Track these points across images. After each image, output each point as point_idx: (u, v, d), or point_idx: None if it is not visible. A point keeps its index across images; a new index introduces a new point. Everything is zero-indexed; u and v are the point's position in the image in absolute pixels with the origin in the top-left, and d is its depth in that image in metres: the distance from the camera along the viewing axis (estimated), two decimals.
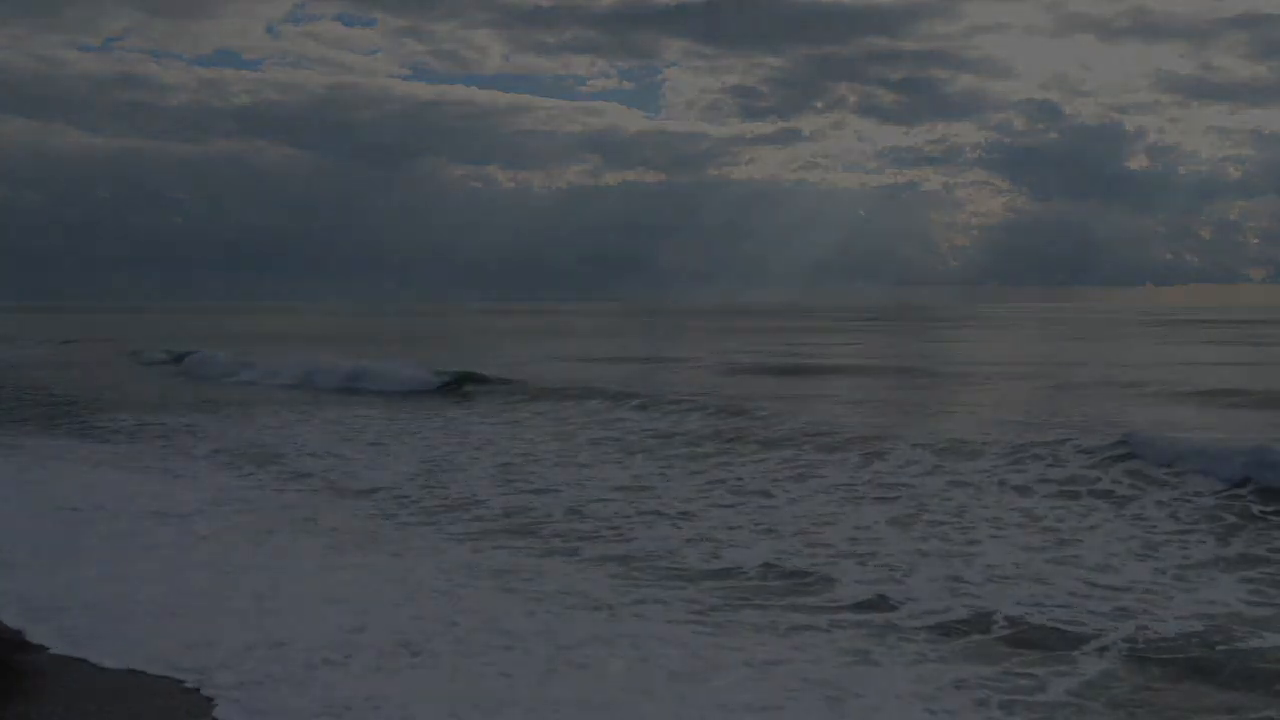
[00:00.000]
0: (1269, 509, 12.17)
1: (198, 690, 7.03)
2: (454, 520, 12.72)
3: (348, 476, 15.68)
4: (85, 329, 70.49)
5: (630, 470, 15.95)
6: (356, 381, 30.22)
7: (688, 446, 17.85)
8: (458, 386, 28.16)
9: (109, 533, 11.77)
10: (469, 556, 10.86)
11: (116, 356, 44.83)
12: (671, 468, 16.12)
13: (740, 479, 15.06)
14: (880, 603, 9.11)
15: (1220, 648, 7.90)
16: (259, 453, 17.93)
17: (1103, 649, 7.88)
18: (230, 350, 41.57)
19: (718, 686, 7.12)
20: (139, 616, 8.58)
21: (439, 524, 12.54)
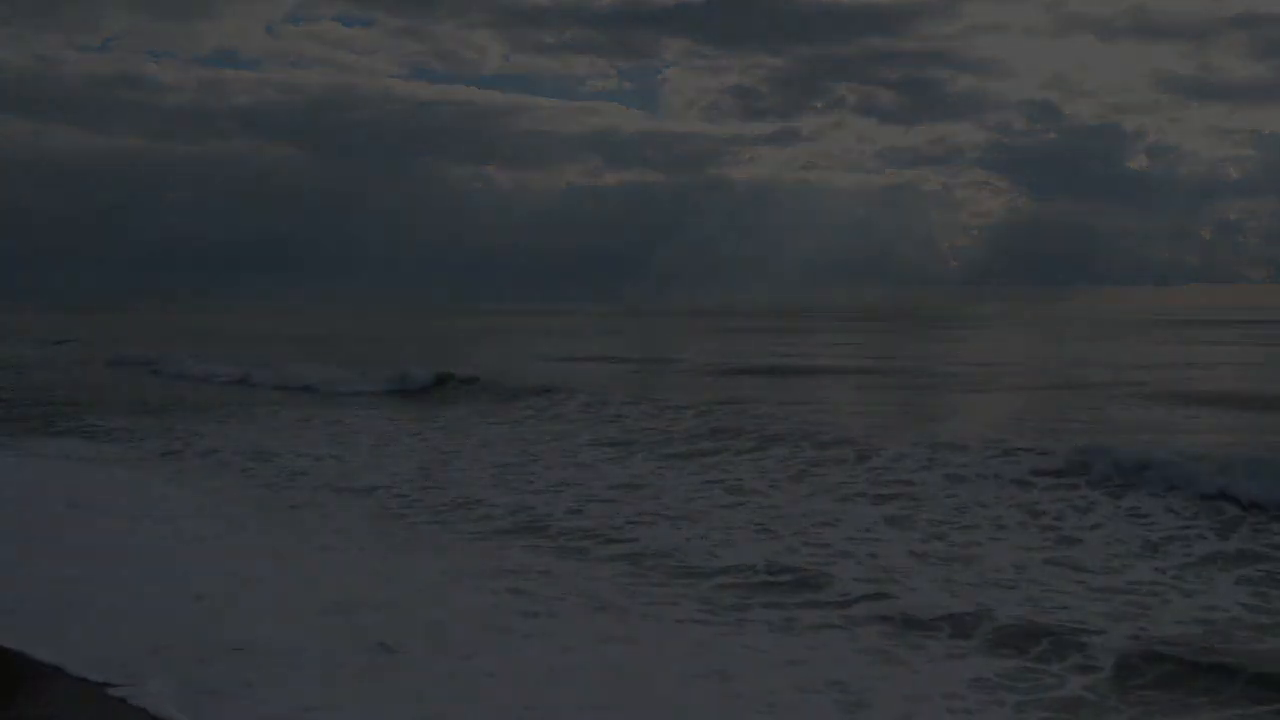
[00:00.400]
0: (1260, 501, 12.13)
1: (124, 700, 6.80)
2: (454, 520, 12.68)
3: (345, 476, 15.63)
4: (82, 329, 70.29)
5: (630, 470, 15.93)
6: (352, 381, 30.11)
7: (686, 446, 17.83)
8: (454, 386, 28.11)
9: (96, 534, 11.68)
10: (467, 557, 10.83)
11: (111, 357, 44.69)
12: (670, 467, 16.10)
13: (739, 479, 15.04)
14: (888, 602, 9.10)
15: (1222, 646, 7.90)
16: (254, 453, 17.87)
17: (1109, 647, 7.86)
18: (228, 351, 41.51)
19: (733, 688, 7.08)
20: (112, 619, 8.43)
21: (440, 524, 12.50)
